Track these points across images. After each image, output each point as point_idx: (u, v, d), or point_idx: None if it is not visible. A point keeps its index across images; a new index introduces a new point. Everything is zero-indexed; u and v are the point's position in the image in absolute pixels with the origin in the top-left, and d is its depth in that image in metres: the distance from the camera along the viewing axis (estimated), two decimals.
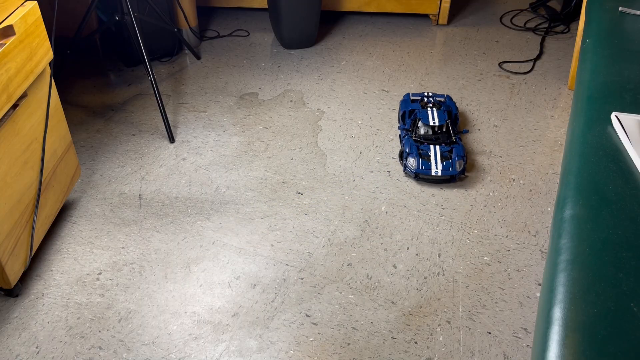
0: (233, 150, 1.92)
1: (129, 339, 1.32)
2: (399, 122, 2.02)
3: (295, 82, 2.29)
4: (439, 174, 1.73)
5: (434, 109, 1.91)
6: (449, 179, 1.76)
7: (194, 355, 1.29)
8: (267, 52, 2.51)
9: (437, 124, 1.84)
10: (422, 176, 1.76)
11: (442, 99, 2.00)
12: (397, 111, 2.09)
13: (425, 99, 1.99)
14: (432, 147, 1.79)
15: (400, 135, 1.95)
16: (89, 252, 1.55)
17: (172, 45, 2.44)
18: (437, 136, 1.83)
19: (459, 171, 1.73)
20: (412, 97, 1.99)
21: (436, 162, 1.74)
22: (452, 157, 1.75)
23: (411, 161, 1.75)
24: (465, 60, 2.44)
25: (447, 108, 1.93)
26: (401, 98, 2.19)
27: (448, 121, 1.86)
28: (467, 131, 1.87)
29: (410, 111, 1.93)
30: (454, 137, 1.83)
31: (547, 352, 0.71)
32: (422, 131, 1.84)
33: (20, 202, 1.36)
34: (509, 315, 1.37)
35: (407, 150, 1.78)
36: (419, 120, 1.86)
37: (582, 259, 0.82)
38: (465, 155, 1.80)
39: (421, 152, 1.78)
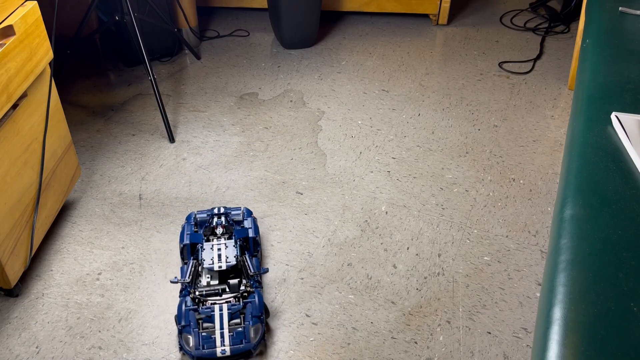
0: (233, 150, 1.92)
1: (129, 339, 1.32)
2: (182, 259, 1.47)
3: (295, 82, 2.29)
4: (227, 353, 1.22)
5: (223, 239, 1.43)
6: (244, 355, 1.25)
7: None
8: (267, 52, 2.51)
9: (223, 267, 1.35)
10: None
11: (238, 215, 1.51)
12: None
13: (215, 220, 1.48)
14: (217, 308, 1.27)
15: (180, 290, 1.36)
16: (89, 252, 1.55)
17: (172, 45, 2.44)
18: (224, 286, 1.34)
19: (256, 342, 1.24)
20: (198, 217, 1.50)
21: (222, 336, 1.23)
22: (245, 321, 1.26)
23: (188, 339, 1.23)
24: (465, 60, 2.44)
25: (242, 234, 1.43)
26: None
27: (243, 257, 1.37)
28: (266, 270, 1.34)
29: (193, 245, 1.42)
30: (247, 286, 1.32)
31: (547, 352, 0.71)
32: (204, 281, 1.35)
33: (20, 202, 1.36)
34: (509, 315, 1.37)
35: (180, 322, 1.25)
36: (199, 266, 1.37)
37: (582, 259, 0.82)
38: (266, 312, 1.31)
39: (201, 319, 1.26)
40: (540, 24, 2.72)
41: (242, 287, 1.32)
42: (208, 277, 1.35)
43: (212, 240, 1.43)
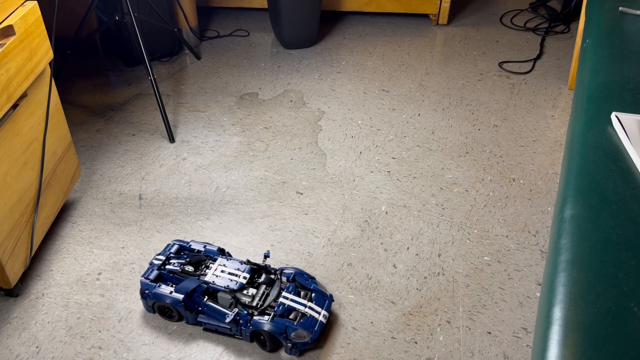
0: (233, 150, 1.92)
1: (129, 339, 1.32)
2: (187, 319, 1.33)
3: (295, 82, 2.29)
4: (326, 313, 1.29)
5: (212, 263, 1.35)
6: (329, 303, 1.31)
7: (194, 355, 1.29)
8: (267, 52, 2.51)
9: (244, 281, 1.30)
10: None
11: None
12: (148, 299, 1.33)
13: (175, 261, 1.37)
14: (283, 301, 1.27)
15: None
16: (89, 252, 1.55)
17: (172, 45, 2.44)
18: (264, 285, 1.31)
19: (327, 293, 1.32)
20: (157, 259, 1.38)
21: (312, 308, 1.28)
22: (314, 292, 1.31)
23: (301, 335, 1.24)
24: (465, 60, 2.44)
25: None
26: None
27: (249, 263, 1.34)
28: (268, 254, 1.35)
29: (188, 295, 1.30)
30: (270, 272, 1.34)
31: (547, 352, 0.71)
32: (249, 293, 1.29)
33: (20, 202, 1.36)
34: (509, 315, 1.37)
35: (289, 335, 1.23)
36: (234, 293, 1.28)
37: (582, 259, 0.82)
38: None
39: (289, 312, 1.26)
40: (540, 24, 2.72)
41: (272, 276, 1.33)
42: (249, 291, 1.29)
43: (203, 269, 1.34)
